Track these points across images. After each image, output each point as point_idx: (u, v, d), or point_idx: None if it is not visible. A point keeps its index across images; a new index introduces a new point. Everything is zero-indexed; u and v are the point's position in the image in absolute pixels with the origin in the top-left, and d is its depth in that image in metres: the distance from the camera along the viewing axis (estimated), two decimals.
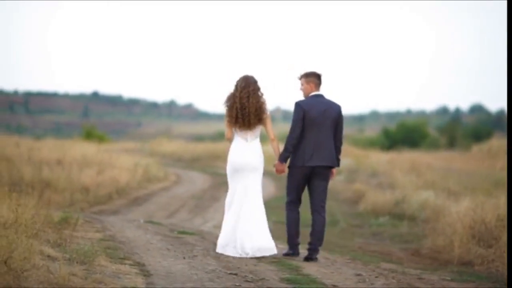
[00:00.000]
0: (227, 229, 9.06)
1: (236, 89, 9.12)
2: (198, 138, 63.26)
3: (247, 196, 9.05)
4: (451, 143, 45.98)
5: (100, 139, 40.22)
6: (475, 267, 10.01)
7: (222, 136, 35.83)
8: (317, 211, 9.08)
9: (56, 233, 8.97)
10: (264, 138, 9.50)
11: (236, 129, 9.13)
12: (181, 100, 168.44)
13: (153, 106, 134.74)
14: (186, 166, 33.53)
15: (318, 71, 9.22)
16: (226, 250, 9.01)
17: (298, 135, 9.00)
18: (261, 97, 9.11)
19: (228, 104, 9.15)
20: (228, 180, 9.23)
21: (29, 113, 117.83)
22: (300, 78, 9.22)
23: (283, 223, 9.53)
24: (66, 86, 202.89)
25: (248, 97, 9.03)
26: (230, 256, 8.92)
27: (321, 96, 9.16)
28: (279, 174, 9.28)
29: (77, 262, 7.38)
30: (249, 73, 9.20)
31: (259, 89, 9.13)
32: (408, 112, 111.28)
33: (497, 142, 34.52)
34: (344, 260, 9.74)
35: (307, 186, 9.16)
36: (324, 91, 9.24)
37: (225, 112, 9.17)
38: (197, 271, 7.75)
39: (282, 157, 9.09)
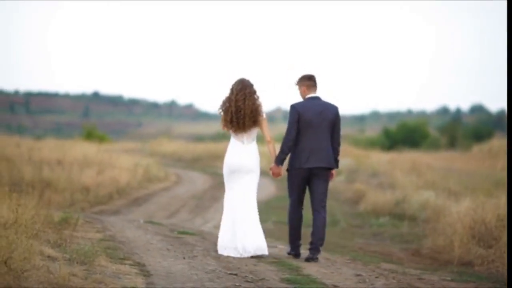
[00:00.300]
0: (225, 230, 9.09)
1: (232, 92, 9.14)
2: (198, 138, 63.23)
3: (243, 197, 9.08)
4: (452, 143, 45.96)
5: (101, 139, 40.23)
6: (475, 267, 10.01)
7: (222, 136, 35.82)
8: (317, 210, 9.09)
9: (56, 233, 8.97)
10: (261, 139, 9.52)
11: (231, 132, 9.16)
12: (182, 100, 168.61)
13: (154, 106, 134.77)
14: (187, 166, 33.53)
15: (309, 73, 9.24)
16: (227, 252, 9.04)
17: (294, 138, 9.02)
18: (257, 99, 9.12)
19: (223, 108, 9.17)
20: (225, 182, 9.25)
21: (29, 113, 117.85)
22: (296, 84, 9.29)
23: (283, 223, 9.55)
24: (66, 86, 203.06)
25: (244, 99, 9.04)
26: (231, 256, 8.94)
27: (317, 98, 9.18)
28: (275, 177, 9.27)
29: (77, 262, 7.38)
30: (245, 77, 9.23)
31: (255, 92, 9.15)
32: (409, 112, 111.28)
33: (497, 142, 34.50)
34: (344, 260, 9.74)
35: (308, 187, 9.17)
36: (325, 91, 9.25)
37: (221, 115, 9.19)
38: (197, 271, 7.75)
39: (278, 160, 9.09)
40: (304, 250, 9.39)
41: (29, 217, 8.35)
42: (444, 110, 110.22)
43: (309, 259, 9.01)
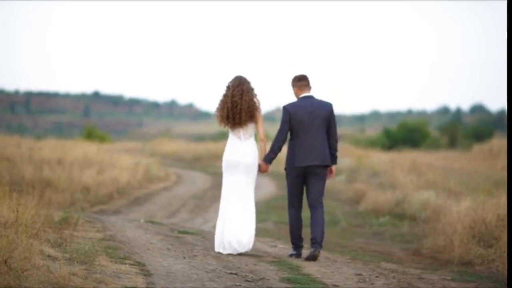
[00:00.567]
0: (220, 226, 9.14)
1: (228, 88, 9.19)
2: (199, 138, 63.28)
3: (239, 193, 9.14)
4: (452, 143, 45.98)
5: (101, 139, 40.25)
6: (475, 267, 10.00)
7: (222, 136, 35.83)
8: (314, 206, 9.16)
9: (56, 233, 8.97)
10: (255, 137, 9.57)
11: (228, 129, 9.21)
12: (182, 100, 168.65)
13: (154, 106, 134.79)
14: (187, 166, 33.53)
15: (301, 73, 9.31)
16: (223, 248, 9.08)
17: (285, 138, 9.15)
18: (255, 96, 9.20)
19: (218, 105, 9.21)
20: (223, 176, 9.33)
21: (30, 113, 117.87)
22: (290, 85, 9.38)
23: (283, 223, 9.56)
24: (67, 86, 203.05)
25: (241, 94, 9.12)
26: (231, 255, 8.96)
27: (310, 97, 9.25)
28: (263, 172, 9.37)
29: (77, 262, 7.38)
30: (242, 75, 9.28)
31: (252, 89, 9.21)
32: (409, 112, 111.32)
33: (497, 142, 34.50)
34: (344, 259, 9.74)
35: (305, 186, 9.22)
36: (325, 91, 9.29)
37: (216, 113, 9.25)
38: (198, 270, 7.75)
39: (267, 159, 9.23)
40: (305, 250, 9.40)
41: (30, 216, 8.35)
42: (444, 110, 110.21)
43: (311, 256, 9.02)
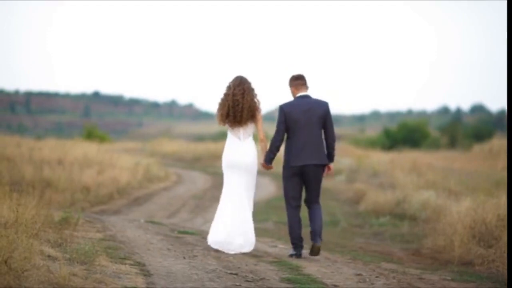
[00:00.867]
0: (217, 223, 9.19)
1: (229, 88, 9.23)
2: (199, 138, 63.30)
3: (239, 194, 9.19)
4: (452, 143, 45.96)
5: (101, 139, 40.23)
6: (475, 267, 10.00)
7: (222, 136, 35.83)
8: (311, 205, 9.21)
9: (56, 233, 8.97)
10: (254, 137, 9.60)
11: (228, 127, 9.26)
12: (182, 100, 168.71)
13: (154, 106, 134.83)
14: (187, 166, 33.52)
15: (298, 73, 9.35)
16: (218, 246, 9.14)
17: (282, 138, 9.20)
18: (256, 96, 9.27)
19: (219, 104, 9.26)
20: (224, 176, 9.38)
21: (30, 113, 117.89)
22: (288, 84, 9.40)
23: (283, 223, 9.56)
24: (67, 86, 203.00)
25: (243, 93, 9.19)
26: (228, 254, 8.99)
27: (306, 96, 9.28)
28: (267, 170, 9.46)
29: (77, 262, 7.38)
30: (243, 75, 9.33)
31: (253, 89, 9.27)
32: (409, 112, 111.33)
33: (498, 142, 34.47)
34: (344, 260, 9.74)
35: (303, 185, 9.25)
36: (325, 91, 9.31)
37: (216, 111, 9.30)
38: (198, 271, 7.75)
39: (267, 158, 9.30)
40: (305, 250, 9.40)
41: (30, 216, 8.35)
42: (444, 110, 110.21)
43: (313, 250, 9.08)
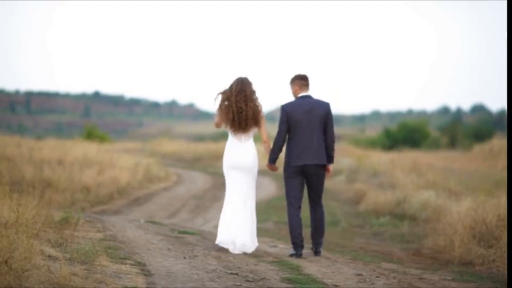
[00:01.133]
0: (222, 223, 9.23)
1: (231, 91, 9.22)
2: (199, 138, 63.29)
3: (241, 194, 9.22)
4: (452, 143, 45.96)
5: (101, 139, 40.23)
6: (476, 267, 10.00)
7: (223, 136, 35.81)
8: (313, 205, 9.24)
9: (57, 233, 8.97)
10: (257, 138, 9.62)
11: (229, 130, 9.28)
12: (182, 100, 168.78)
13: (154, 106, 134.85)
14: (187, 166, 33.52)
15: (302, 73, 9.35)
16: (223, 244, 9.18)
17: (284, 138, 9.22)
18: (257, 100, 9.30)
19: (223, 104, 9.25)
20: (225, 178, 9.42)
21: (30, 113, 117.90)
22: (289, 83, 9.41)
23: (283, 223, 9.57)
24: (67, 86, 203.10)
25: (245, 101, 9.20)
26: (230, 254, 9.01)
27: (308, 96, 9.28)
28: (272, 171, 9.52)
29: (78, 262, 7.38)
30: (244, 76, 9.32)
31: (254, 92, 9.29)
32: (409, 112, 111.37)
33: (498, 142, 34.45)
34: (345, 260, 9.74)
35: (305, 185, 9.28)
36: (325, 91, 9.32)
37: (218, 110, 9.28)
38: (198, 271, 7.75)
39: (271, 159, 9.35)
40: (306, 250, 9.40)
41: (30, 216, 8.35)
42: (444, 110, 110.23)
43: (315, 253, 9.12)
